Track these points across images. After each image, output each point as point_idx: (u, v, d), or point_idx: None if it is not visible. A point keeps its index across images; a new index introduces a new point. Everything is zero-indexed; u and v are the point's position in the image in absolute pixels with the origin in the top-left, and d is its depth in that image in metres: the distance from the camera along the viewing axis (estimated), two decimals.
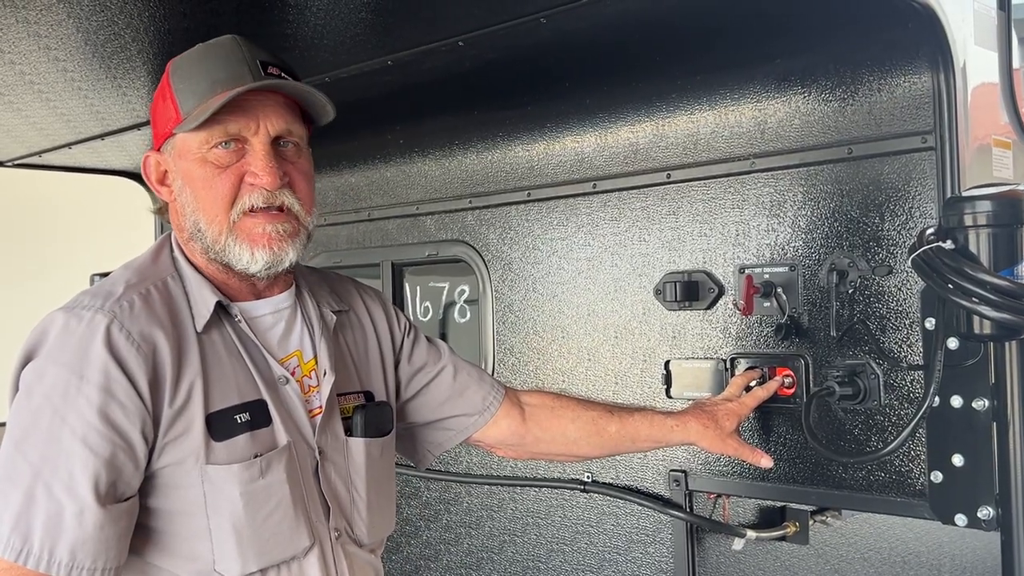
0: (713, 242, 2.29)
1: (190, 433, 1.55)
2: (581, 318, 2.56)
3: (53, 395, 1.49)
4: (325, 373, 1.73)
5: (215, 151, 1.61)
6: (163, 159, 1.69)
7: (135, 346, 1.51)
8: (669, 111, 2.35)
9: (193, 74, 1.64)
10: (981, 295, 1.66)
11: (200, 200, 1.63)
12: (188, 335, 1.59)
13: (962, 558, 3.19)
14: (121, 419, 1.49)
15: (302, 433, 1.67)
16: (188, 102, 1.62)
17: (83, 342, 1.50)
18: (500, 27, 1.98)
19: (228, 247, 1.62)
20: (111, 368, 1.49)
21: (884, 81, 2.00)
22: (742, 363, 2.24)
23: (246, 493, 1.57)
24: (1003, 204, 1.72)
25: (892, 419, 2.00)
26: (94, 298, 1.56)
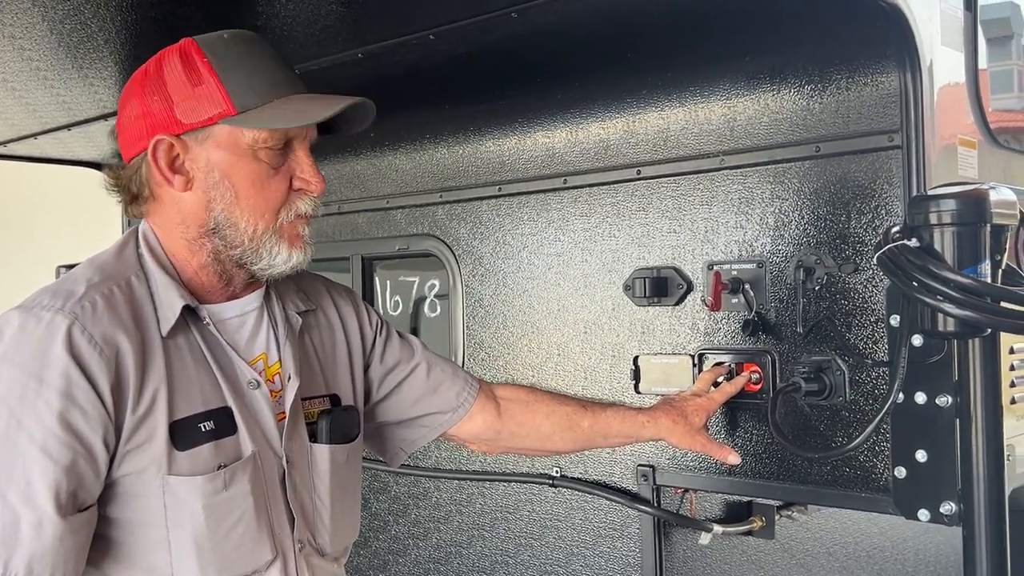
0: (682, 238, 2.30)
1: (152, 442, 1.49)
2: (551, 313, 2.57)
3: (9, 398, 1.41)
4: (289, 378, 1.68)
5: (267, 151, 1.56)
6: (183, 145, 1.56)
7: (97, 350, 1.44)
8: (640, 107, 2.36)
9: (243, 67, 1.55)
10: (945, 293, 1.67)
11: (244, 198, 1.56)
12: (152, 339, 1.52)
13: (926, 552, 3.23)
14: (82, 425, 1.43)
15: (269, 441, 1.62)
16: (244, 96, 1.53)
17: (42, 344, 1.43)
18: (472, 21, 1.98)
19: (264, 245, 1.58)
20: (72, 372, 1.42)
21: (852, 80, 2.01)
22: (710, 359, 2.25)
23: (208, 506, 1.52)
24: (967, 203, 1.74)
25: (857, 415, 2.02)
26: (54, 297, 1.48)
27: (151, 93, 1.56)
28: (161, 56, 1.59)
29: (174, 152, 1.56)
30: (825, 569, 2.82)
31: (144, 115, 1.56)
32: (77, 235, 5.12)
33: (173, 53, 1.58)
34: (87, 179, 3.71)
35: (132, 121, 1.58)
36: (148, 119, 1.56)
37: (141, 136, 1.57)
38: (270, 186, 1.58)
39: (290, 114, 1.56)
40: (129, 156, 1.61)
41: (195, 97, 1.54)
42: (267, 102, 1.55)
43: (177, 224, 1.60)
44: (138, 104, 1.57)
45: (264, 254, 1.59)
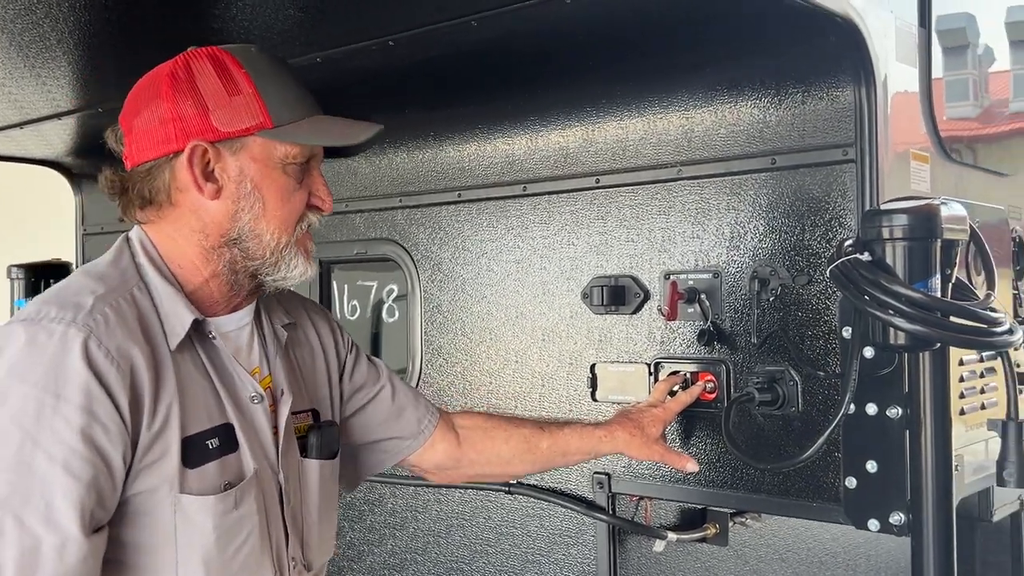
0: (640, 247, 2.31)
1: (166, 459, 1.45)
2: (509, 320, 2.57)
3: (22, 417, 1.35)
4: (283, 392, 1.67)
5: (293, 166, 1.58)
6: (216, 153, 1.54)
7: (114, 364, 1.39)
8: (599, 116, 2.36)
9: (280, 82, 1.57)
10: (896, 307, 1.70)
11: (272, 209, 1.57)
12: (162, 353, 1.48)
13: (877, 559, 3.27)
14: (104, 441, 1.38)
15: (267, 457, 1.61)
16: (280, 111, 1.54)
17: (57, 359, 1.37)
18: (431, 28, 1.97)
19: (284, 257, 1.59)
20: (92, 386, 1.37)
21: (808, 94, 2.04)
22: (666, 367, 2.26)
23: (219, 526, 1.49)
24: (919, 218, 1.76)
25: (810, 425, 2.04)
26: (61, 310, 1.42)
27: (183, 97, 1.53)
28: (188, 61, 1.56)
29: (206, 158, 1.54)
30: (778, 575, 2.85)
31: (175, 119, 1.53)
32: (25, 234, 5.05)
33: (203, 59, 1.55)
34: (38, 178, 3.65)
35: (157, 124, 1.54)
36: (180, 123, 1.52)
37: (169, 139, 1.53)
38: (293, 200, 1.59)
39: (325, 133, 1.60)
40: (146, 158, 1.56)
41: (232, 107, 1.53)
42: (300, 119, 1.57)
43: (195, 231, 1.57)
44: (167, 107, 1.53)
45: (283, 266, 1.60)
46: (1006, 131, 2.57)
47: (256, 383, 1.62)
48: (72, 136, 3.07)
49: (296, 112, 1.57)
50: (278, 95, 1.55)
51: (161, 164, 1.55)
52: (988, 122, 2.50)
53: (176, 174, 1.55)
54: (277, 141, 1.55)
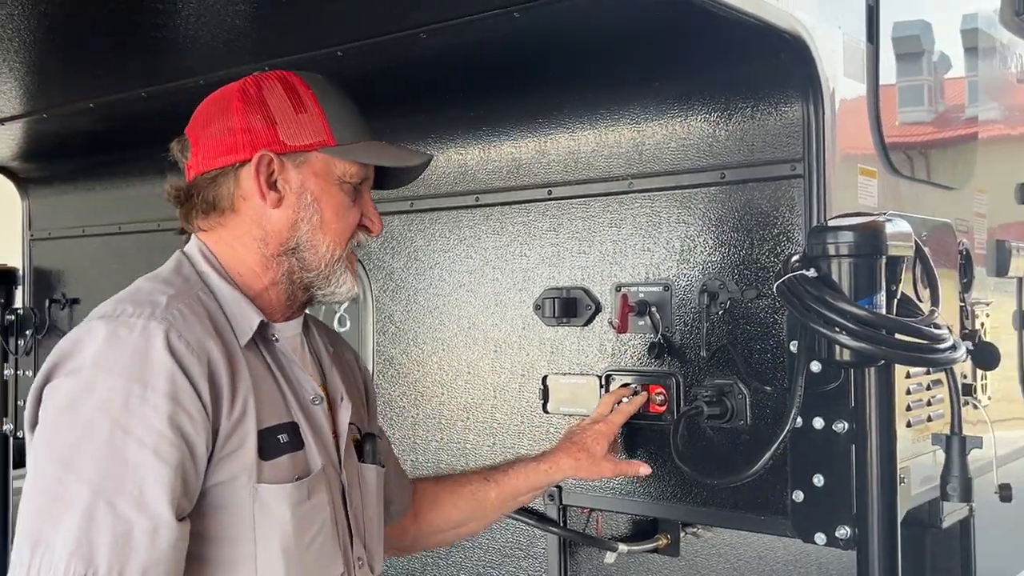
0: (591, 259, 2.31)
1: (243, 449, 1.49)
2: (462, 331, 2.56)
3: (110, 406, 1.39)
4: (343, 398, 1.74)
5: (348, 186, 1.65)
6: (281, 164, 1.61)
7: (195, 355, 1.45)
8: (551, 128, 2.36)
9: (342, 105, 1.66)
10: (841, 324, 1.71)
11: (328, 223, 1.64)
12: (235, 349, 1.54)
13: (828, 566, 3.30)
14: (189, 428, 1.43)
15: (330, 457, 1.66)
16: (343, 131, 1.63)
17: (141, 350, 1.42)
18: (379, 40, 1.96)
19: (335, 272, 1.66)
20: (177, 375, 1.42)
21: (757, 108, 2.04)
22: (617, 380, 2.26)
23: (296, 515, 1.53)
24: (864, 235, 1.77)
25: (758, 439, 2.05)
26: (138, 306, 1.48)
27: (253, 111, 1.61)
28: (257, 80, 1.65)
29: (271, 168, 1.61)
30: None
31: (244, 130, 1.60)
32: None
33: (272, 79, 1.64)
34: None
35: (226, 134, 1.61)
36: (248, 134, 1.60)
37: (237, 149, 1.60)
38: (348, 217, 1.66)
39: (382, 155, 1.69)
40: (213, 166, 1.63)
41: (298, 123, 1.61)
42: (359, 140, 1.66)
43: (256, 239, 1.64)
44: (237, 119, 1.61)
45: (333, 280, 1.66)
46: (954, 142, 2.60)
47: (316, 386, 1.68)
48: (18, 141, 3.02)
49: (356, 134, 1.66)
50: (341, 116, 1.64)
51: (227, 172, 1.62)
52: (937, 134, 2.53)
53: (241, 182, 1.62)
54: (337, 158, 1.63)
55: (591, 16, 1.83)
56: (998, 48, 2.87)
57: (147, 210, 3.22)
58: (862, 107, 2.13)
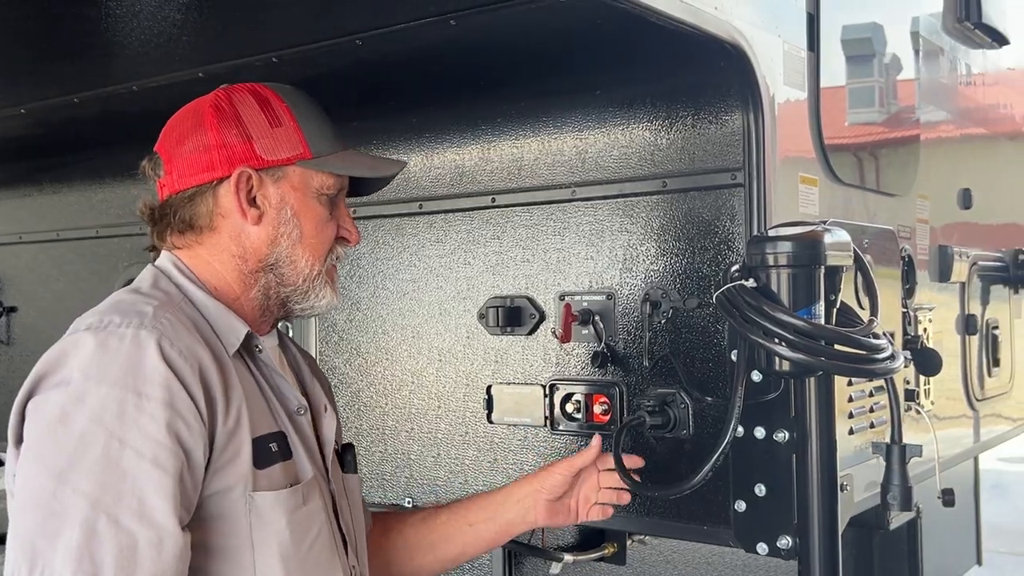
0: (535, 268, 2.29)
1: (239, 457, 1.47)
2: (405, 340, 2.52)
3: (105, 417, 1.35)
4: (326, 408, 1.73)
5: (325, 197, 1.64)
6: (259, 180, 1.59)
7: (188, 362, 1.42)
8: (494, 135, 2.33)
9: (316, 116, 1.65)
10: (779, 335, 1.70)
11: (308, 237, 1.62)
12: (225, 358, 1.52)
13: (776, 568, 3.31)
14: (187, 437, 1.40)
15: (317, 467, 1.64)
16: (319, 143, 1.62)
17: (133, 358, 1.39)
18: (315, 46, 1.92)
19: (315, 287, 1.64)
20: (172, 383, 1.39)
21: (698, 117, 2.04)
22: (561, 389, 2.24)
23: (292, 521, 1.51)
24: (803, 245, 1.77)
25: (701, 448, 2.04)
26: (125, 316, 1.44)
27: (228, 127, 1.59)
28: (229, 94, 1.62)
29: (251, 184, 1.59)
30: None
31: (219, 146, 1.58)
32: None
33: (243, 92, 1.62)
34: None
35: (201, 151, 1.58)
36: (224, 151, 1.58)
37: (214, 166, 1.58)
38: (326, 230, 1.65)
39: (358, 165, 1.68)
40: (189, 184, 1.59)
41: (274, 137, 1.59)
42: (335, 152, 1.64)
43: (234, 256, 1.61)
44: (212, 135, 1.58)
45: (312, 295, 1.64)
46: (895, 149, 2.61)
47: (300, 396, 1.67)
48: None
49: (331, 145, 1.64)
50: (316, 129, 1.63)
51: (204, 190, 1.59)
52: (878, 141, 2.54)
53: (220, 199, 1.60)
54: (314, 171, 1.61)
55: (527, 24, 1.81)
56: (940, 53, 2.90)
57: (86, 216, 3.15)
58: (803, 115, 2.13)
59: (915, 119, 2.66)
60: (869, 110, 2.52)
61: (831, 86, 2.25)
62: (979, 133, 3.24)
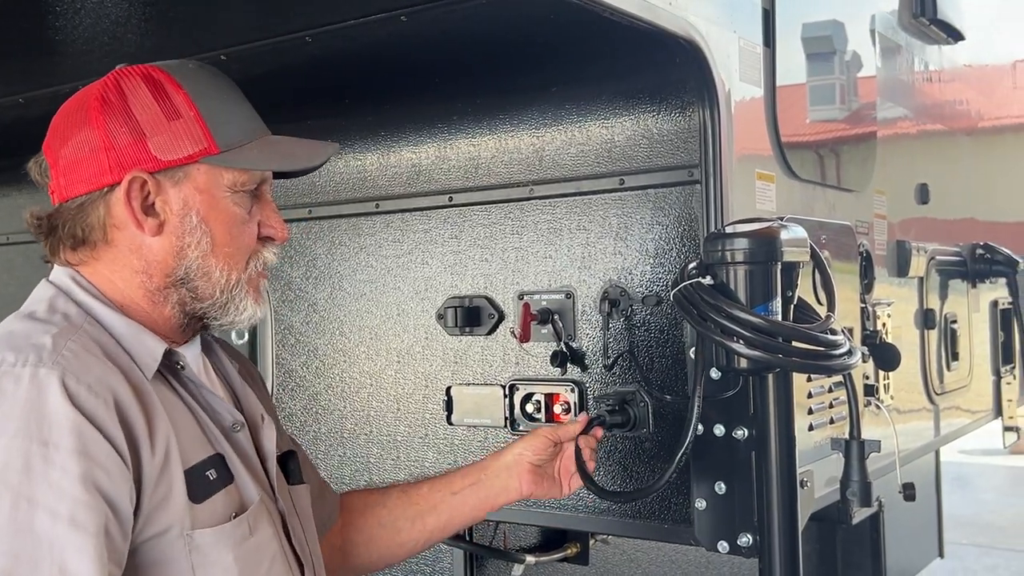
0: (494, 267, 2.27)
1: (172, 495, 1.30)
2: (363, 341, 2.49)
3: (7, 475, 1.18)
4: (263, 418, 1.55)
5: (242, 195, 1.42)
6: (157, 184, 1.38)
7: (100, 399, 1.24)
8: (451, 133, 2.31)
9: (223, 99, 1.43)
10: (736, 332, 1.69)
11: (221, 245, 1.41)
12: (142, 384, 1.33)
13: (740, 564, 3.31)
14: (108, 486, 1.22)
15: (262, 486, 1.47)
16: (227, 133, 1.40)
17: (33, 403, 1.21)
18: (264, 43, 1.89)
19: (235, 299, 1.44)
20: (83, 426, 1.21)
21: (655, 114, 2.02)
22: (521, 389, 2.22)
23: (240, 557, 1.35)
24: (759, 242, 1.76)
25: (661, 447, 2.03)
26: (19, 353, 1.25)
27: (116, 123, 1.37)
28: (118, 82, 1.40)
29: (146, 191, 1.38)
30: None
31: (106, 148, 1.36)
32: None
33: (135, 78, 1.39)
34: None
35: (87, 153, 1.37)
36: (113, 152, 1.36)
37: (102, 172, 1.37)
38: (244, 233, 1.44)
39: (278, 156, 1.45)
40: (76, 193, 1.39)
41: (171, 132, 1.37)
42: (248, 141, 1.42)
43: (136, 272, 1.41)
44: (99, 135, 1.37)
45: (232, 308, 1.44)
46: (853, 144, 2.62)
47: (233, 410, 1.49)
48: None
49: (244, 132, 1.43)
50: (223, 116, 1.41)
51: (95, 199, 1.39)
52: (835, 137, 2.54)
53: (112, 209, 1.39)
54: (224, 168, 1.40)
55: (479, 19, 1.78)
56: (897, 49, 2.91)
57: None
58: (759, 111, 2.12)
59: (872, 116, 2.67)
60: (827, 107, 2.53)
61: (789, 84, 2.25)
62: (936, 129, 3.26)
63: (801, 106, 2.34)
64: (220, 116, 1.41)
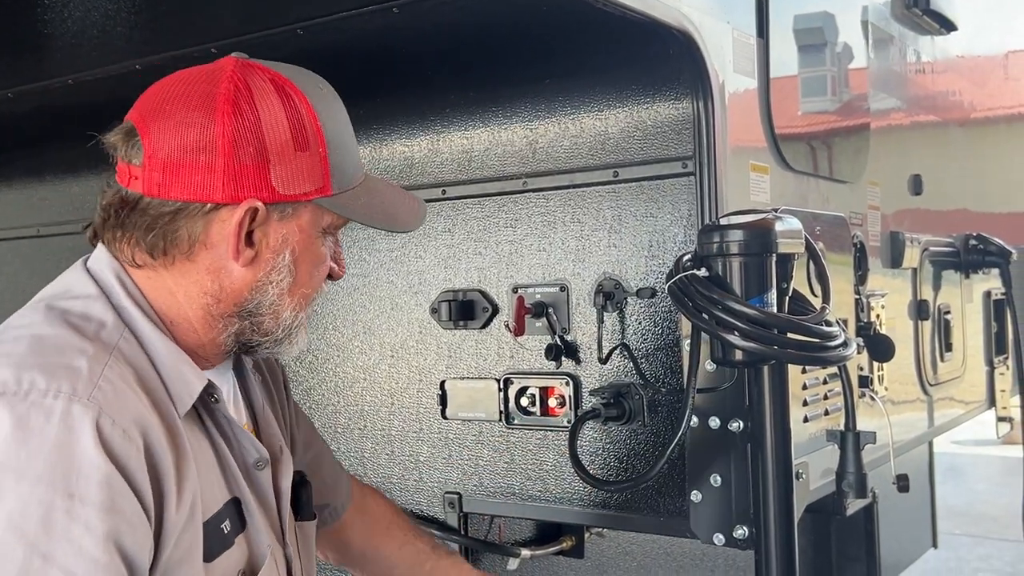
0: (487, 260, 2.26)
1: (192, 554, 1.22)
2: (357, 335, 2.48)
3: (25, 526, 1.08)
4: (281, 450, 1.46)
5: (331, 236, 1.36)
6: (266, 216, 1.28)
7: (133, 445, 1.14)
8: (443, 126, 2.30)
9: (344, 135, 1.35)
10: (731, 324, 1.69)
11: (300, 285, 1.34)
12: (173, 421, 1.23)
13: (735, 557, 3.31)
14: (130, 544, 1.13)
15: (274, 530, 1.40)
16: (342, 174, 1.31)
17: (63, 447, 1.10)
18: (255, 36, 1.88)
19: (292, 334, 1.37)
20: (113, 479, 1.11)
21: (648, 106, 2.01)
22: (515, 383, 2.21)
23: None
24: (754, 233, 1.76)
25: (656, 439, 2.03)
26: (51, 379, 1.13)
27: (243, 137, 1.24)
28: (248, 83, 1.27)
29: (254, 220, 1.28)
30: None
31: (226, 162, 1.24)
32: None
33: (265, 84, 1.27)
34: None
35: (202, 159, 1.24)
36: (232, 170, 1.24)
37: (214, 187, 1.24)
38: (320, 273, 1.38)
39: (381, 212, 1.38)
40: (176, 197, 1.26)
41: (297, 164, 1.26)
42: (356, 184, 1.35)
43: (206, 294, 1.31)
44: (221, 144, 1.23)
45: (287, 343, 1.38)
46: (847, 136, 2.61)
47: (260, 445, 1.40)
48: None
49: (354, 176, 1.35)
50: (342, 155, 1.32)
51: (194, 211, 1.26)
52: (829, 128, 2.54)
53: (210, 228, 1.27)
54: (328, 210, 1.32)
55: (472, 12, 1.78)
56: (890, 40, 2.90)
57: (25, 215, 3.07)
58: (753, 102, 2.11)
59: (866, 107, 2.67)
60: (820, 98, 2.52)
61: (783, 75, 2.24)
62: (929, 120, 3.26)
63: (795, 98, 2.33)
64: (340, 155, 1.32)
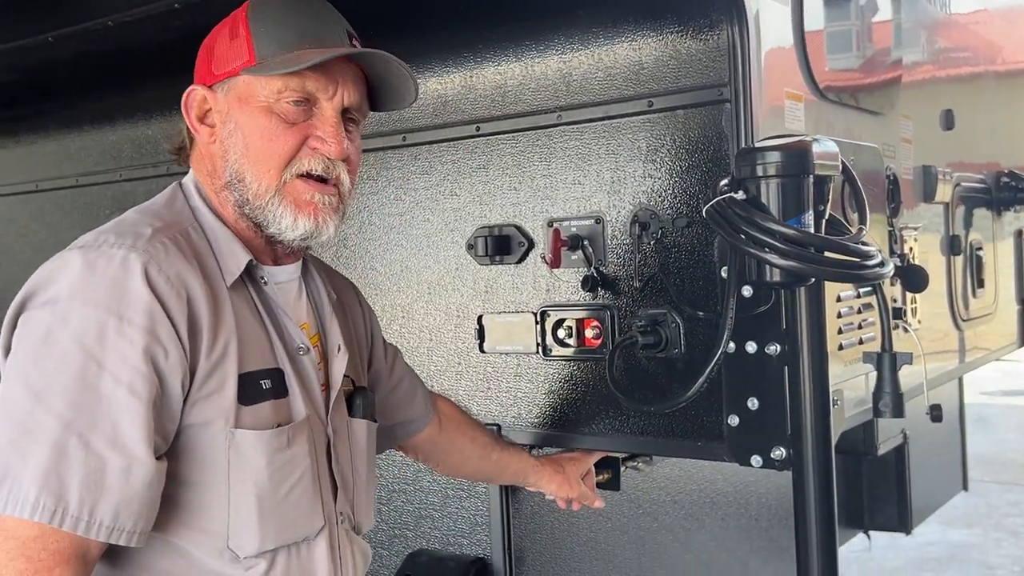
0: (522, 196, 2.28)
1: (223, 391, 1.44)
2: (394, 274, 2.51)
3: (85, 338, 1.34)
4: (340, 349, 1.68)
5: (284, 104, 1.53)
6: (213, 97, 1.57)
7: (174, 290, 1.40)
8: (476, 62, 2.31)
9: (278, 20, 1.54)
10: (770, 244, 1.70)
11: (253, 150, 1.54)
12: (220, 289, 1.48)
13: (767, 496, 3.35)
14: (164, 365, 1.38)
15: (316, 408, 1.60)
16: (267, 47, 1.53)
17: (119, 281, 1.37)
18: None
19: (269, 206, 1.54)
20: (155, 309, 1.37)
21: (683, 34, 2.02)
22: (552, 316, 2.24)
23: (272, 463, 1.48)
24: (791, 155, 1.77)
25: (693, 366, 2.05)
26: (120, 237, 1.43)
27: (205, 46, 1.60)
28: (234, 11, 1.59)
29: (206, 105, 1.58)
30: (671, 517, 2.89)
31: (195, 70, 1.61)
32: None
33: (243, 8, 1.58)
34: None
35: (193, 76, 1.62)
36: (197, 71, 1.61)
37: (192, 90, 1.60)
38: (280, 140, 1.53)
39: (305, 60, 1.51)
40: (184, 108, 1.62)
41: (226, 48, 1.55)
42: (286, 51, 1.52)
43: (207, 174, 1.60)
44: (199, 61, 1.61)
45: (270, 217, 1.54)
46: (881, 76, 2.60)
47: (304, 335, 1.61)
48: None
49: (285, 46, 1.53)
50: (271, 32, 1.53)
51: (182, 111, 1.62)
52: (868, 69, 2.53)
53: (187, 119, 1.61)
54: (266, 77, 1.51)
55: None
56: None
57: (64, 165, 3.11)
58: (787, 29, 2.11)
59: (899, 38, 2.65)
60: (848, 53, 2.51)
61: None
62: (961, 57, 3.23)
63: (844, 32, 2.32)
64: (267, 33, 1.53)
